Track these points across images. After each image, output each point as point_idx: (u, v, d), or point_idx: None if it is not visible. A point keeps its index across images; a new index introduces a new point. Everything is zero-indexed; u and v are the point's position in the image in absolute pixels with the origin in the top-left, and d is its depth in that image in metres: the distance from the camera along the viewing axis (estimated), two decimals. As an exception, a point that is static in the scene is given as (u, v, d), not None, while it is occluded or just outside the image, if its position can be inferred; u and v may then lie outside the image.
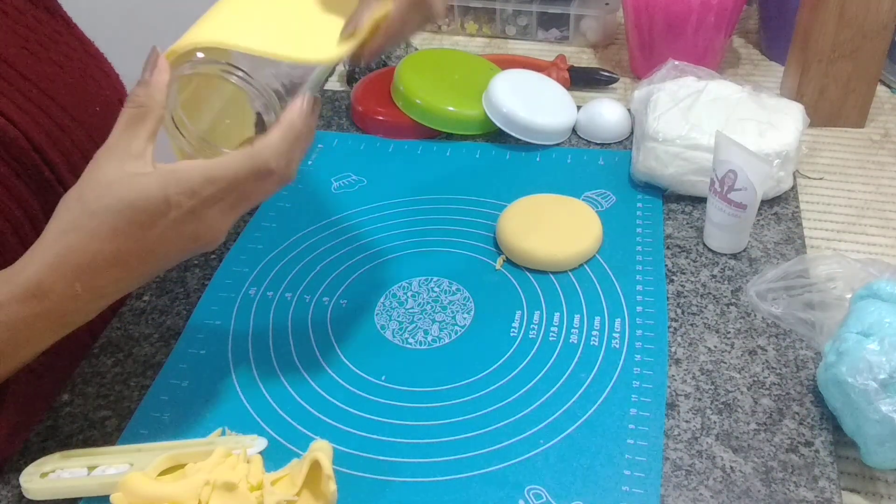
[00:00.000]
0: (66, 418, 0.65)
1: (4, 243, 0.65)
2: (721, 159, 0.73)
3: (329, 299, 0.74)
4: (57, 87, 0.71)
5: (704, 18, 0.96)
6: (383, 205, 0.85)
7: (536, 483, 0.58)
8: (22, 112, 0.68)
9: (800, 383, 0.64)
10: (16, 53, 0.69)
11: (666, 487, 0.58)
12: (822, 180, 0.87)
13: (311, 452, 0.57)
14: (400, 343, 0.70)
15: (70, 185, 0.53)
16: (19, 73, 0.69)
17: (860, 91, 0.92)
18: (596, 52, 1.13)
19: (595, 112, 0.93)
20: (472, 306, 0.73)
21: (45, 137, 0.69)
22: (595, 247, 0.77)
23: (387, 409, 0.64)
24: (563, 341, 0.69)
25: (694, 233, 0.79)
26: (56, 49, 0.73)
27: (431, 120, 0.93)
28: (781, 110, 0.83)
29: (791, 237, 0.78)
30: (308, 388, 0.66)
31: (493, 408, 0.64)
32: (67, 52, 0.74)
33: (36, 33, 0.72)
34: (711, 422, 0.62)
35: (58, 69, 0.72)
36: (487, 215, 0.83)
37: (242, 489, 0.55)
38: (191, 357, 0.70)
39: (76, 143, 0.68)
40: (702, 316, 0.71)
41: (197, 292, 0.76)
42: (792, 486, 0.57)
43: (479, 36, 1.18)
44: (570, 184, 0.86)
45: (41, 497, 0.58)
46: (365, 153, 0.93)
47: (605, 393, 0.64)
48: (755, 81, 0.95)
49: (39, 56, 0.71)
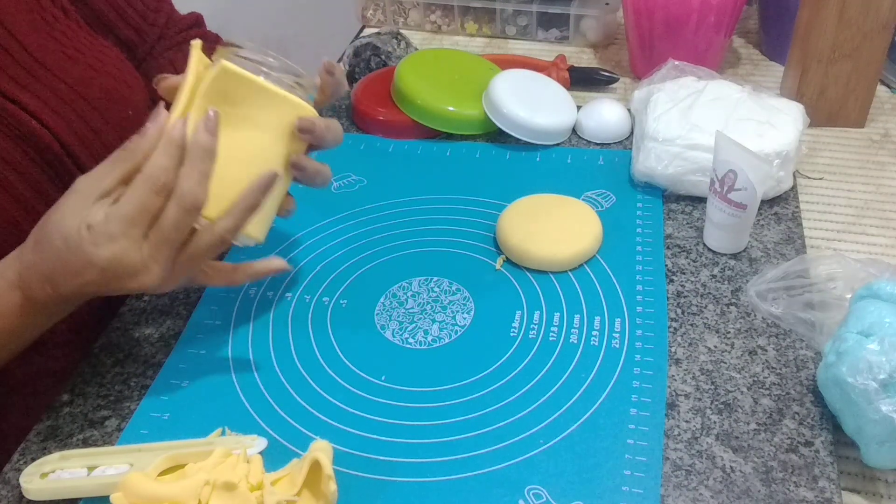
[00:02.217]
0: (66, 418, 0.65)
1: None
2: (721, 159, 0.73)
3: (329, 299, 0.74)
4: (93, 91, 0.72)
5: (704, 18, 0.96)
6: (383, 205, 0.85)
7: (536, 483, 0.58)
8: (57, 116, 0.69)
9: (800, 383, 0.64)
10: (53, 57, 0.71)
11: (666, 487, 0.58)
12: (822, 180, 0.87)
13: (312, 452, 0.57)
14: (400, 343, 0.70)
15: None
16: (56, 75, 0.70)
17: (860, 91, 0.92)
18: (596, 52, 1.13)
19: (595, 112, 0.93)
20: (472, 306, 0.73)
21: (78, 142, 0.70)
22: (595, 247, 0.77)
23: (387, 409, 0.64)
24: (563, 341, 0.69)
25: (694, 233, 0.79)
26: (91, 55, 0.74)
27: (431, 120, 0.93)
28: (781, 110, 0.83)
29: (791, 237, 0.78)
30: (308, 388, 0.66)
31: (493, 408, 0.64)
32: (101, 57, 0.75)
33: (72, 40, 0.73)
34: (711, 422, 0.62)
35: (94, 73, 0.73)
36: (487, 215, 0.83)
37: (242, 489, 0.55)
38: (191, 357, 0.70)
39: (107, 146, 0.69)
40: (702, 316, 0.71)
41: (197, 292, 0.76)
42: (792, 486, 0.57)
43: (479, 36, 1.18)
44: (570, 184, 0.86)
45: (41, 497, 0.58)
46: (365, 153, 0.93)
47: (605, 393, 0.64)
48: (755, 81, 0.95)
49: (77, 61, 0.72)
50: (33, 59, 0.69)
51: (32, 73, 0.69)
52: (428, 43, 1.17)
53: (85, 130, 0.71)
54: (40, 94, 0.68)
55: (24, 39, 0.69)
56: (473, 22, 1.18)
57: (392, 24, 1.22)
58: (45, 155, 0.68)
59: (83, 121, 0.71)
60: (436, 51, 1.04)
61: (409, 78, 0.94)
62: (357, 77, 1.04)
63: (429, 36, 1.19)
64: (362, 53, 1.04)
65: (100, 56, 0.75)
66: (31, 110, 0.67)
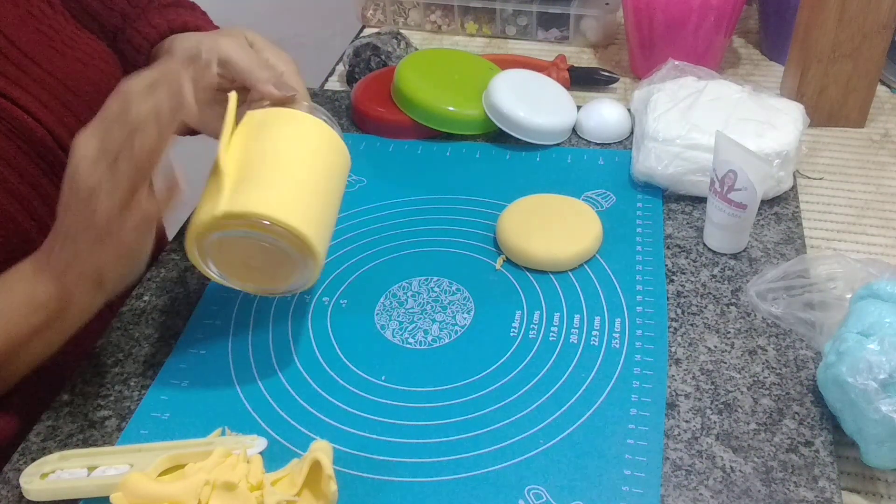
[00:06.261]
0: (66, 418, 0.65)
1: (30, 241, 0.66)
2: (721, 159, 0.73)
3: (329, 299, 0.74)
4: (81, 84, 0.73)
5: (704, 18, 0.96)
6: (383, 205, 0.85)
7: (536, 483, 0.58)
8: (47, 110, 0.69)
9: (800, 383, 0.64)
10: (42, 51, 0.71)
11: (666, 487, 0.58)
12: (822, 180, 0.87)
13: (312, 452, 0.57)
14: (400, 343, 0.70)
15: None
16: (46, 70, 0.70)
17: (860, 91, 0.92)
18: (596, 52, 1.13)
19: (595, 112, 0.93)
20: (472, 306, 0.73)
21: (70, 135, 0.70)
22: (595, 247, 0.77)
23: (387, 409, 0.64)
24: (563, 341, 0.69)
25: (694, 233, 0.79)
26: (79, 48, 0.74)
27: (431, 120, 0.93)
28: (781, 110, 0.83)
29: (791, 237, 0.78)
30: (308, 388, 0.66)
31: (493, 408, 0.64)
32: (89, 51, 0.75)
33: (60, 34, 0.73)
34: (711, 422, 0.62)
35: (81, 66, 0.73)
36: (487, 215, 0.83)
37: (242, 489, 0.55)
38: (191, 357, 0.70)
39: None
40: (702, 316, 0.71)
41: (197, 292, 0.76)
42: (792, 486, 0.57)
43: (479, 36, 1.18)
44: (570, 184, 0.86)
45: (41, 498, 0.58)
46: (365, 153, 0.93)
47: (605, 393, 0.64)
48: (755, 81, 0.95)
49: (66, 55, 0.73)
50: (22, 53, 0.69)
51: (22, 69, 0.69)
52: (428, 43, 1.17)
53: (75, 124, 0.71)
54: (31, 89, 0.69)
55: (12, 35, 0.69)
56: (473, 22, 1.18)
57: (392, 24, 1.22)
58: (37, 149, 0.68)
59: (73, 115, 0.71)
60: (436, 51, 1.04)
61: (409, 78, 0.94)
62: (357, 77, 1.04)
63: (429, 36, 1.19)
64: (362, 53, 1.04)
65: (87, 50, 0.75)
66: (22, 105, 0.67)
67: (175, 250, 0.81)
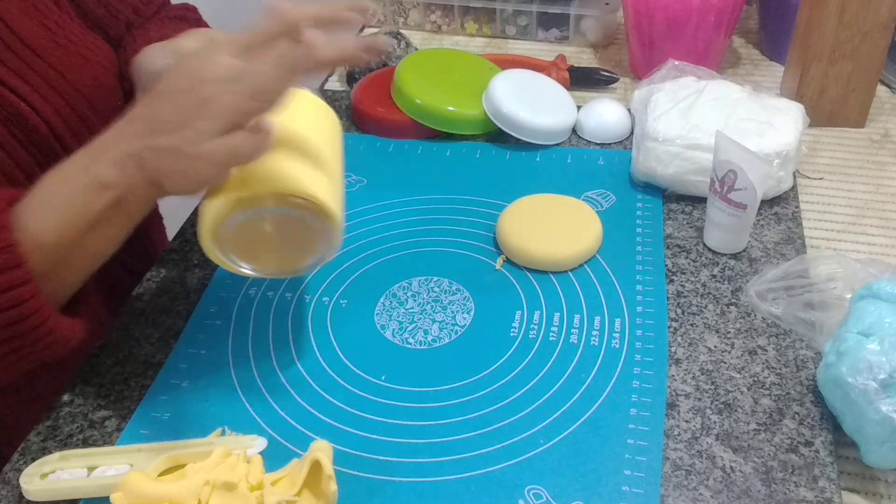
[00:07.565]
0: (66, 418, 0.65)
1: None
2: (721, 159, 0.73)
3: (329, 299, 0.74)
4: (81, 78, 0.73)
5: (704, 18, 0.96)
6: (383, 205, 0.85)
7: (536, 483, 0.58)
8: (46, 101, 0.69)
9: (800, 383, 0.64)
10: (44, 44, 0.71)
11: (666, 487, 0.58)
12: (822, 180, 0.87)
13: (312, 452, 0.57)
14: (400, 343, 0.70)
15: None
16: (47, 62, 0.70)
17: (860, 91, 0.92)
18: (596, 52, 1.13)
19: (595, 112, 0.93)
20: (472, 306, 0.73)
21: (66, 127, 0.70)
22: (595, 247, 0.77)
23: (387, 409, 0.64)
24: (563, 341, 0.69)
25: (694, 233, 0.79)
26: (81, 44, 0.74)
27: (431, 120, 0.93)
28: (781, 110, 0.83)
29: (791, 237, 0.78)
30: (308, 388, 0.66)
31: (493, 408, 0.64)
32: (92, 48, 0.75)
33: (63, 29, 0.73)
34: (711, 422, 0.62)
35: (83, 61, 0.73)
36: (487, 215, 0.83)
37: (242, 489, 0.55)
38: (191, 357, 0.70)
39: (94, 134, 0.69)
40: (702, 316, 0.71)
41: (197, 292, 0.76)
42: (792, 486, 0.57)
43: (479, 36, 1.18)
44: (570, 184, 0.86)
45: (41, 498, 0.58)
46: (365, 153, 0.93)
47: (605, 393, 0.64)
48: (755, 81, 0.95)
49: (68, 49, 0.73)
50: (24, 44, 0.69)
51: (23, 59, 0.69)
52: (428, 43, 1.17)
53: (73, 117, 0.71)
54: (30, 80, 0.68)
55: (15, 26, 0.69)
56: (473, 22, 1.18)
57: (392, 24, 1.22)
58: (33, 138, 0.68)
59: (71, 108, 0.71)
60: (436, 51, 1.04)
61: (409, 78, 0.94)
62: (357, 77, 1.04)
63: (429, 36, 1.19)
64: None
65: (91, 47, 0.75)
66: (20, 94, 0.67)
67: (175, 250, 0.81)
